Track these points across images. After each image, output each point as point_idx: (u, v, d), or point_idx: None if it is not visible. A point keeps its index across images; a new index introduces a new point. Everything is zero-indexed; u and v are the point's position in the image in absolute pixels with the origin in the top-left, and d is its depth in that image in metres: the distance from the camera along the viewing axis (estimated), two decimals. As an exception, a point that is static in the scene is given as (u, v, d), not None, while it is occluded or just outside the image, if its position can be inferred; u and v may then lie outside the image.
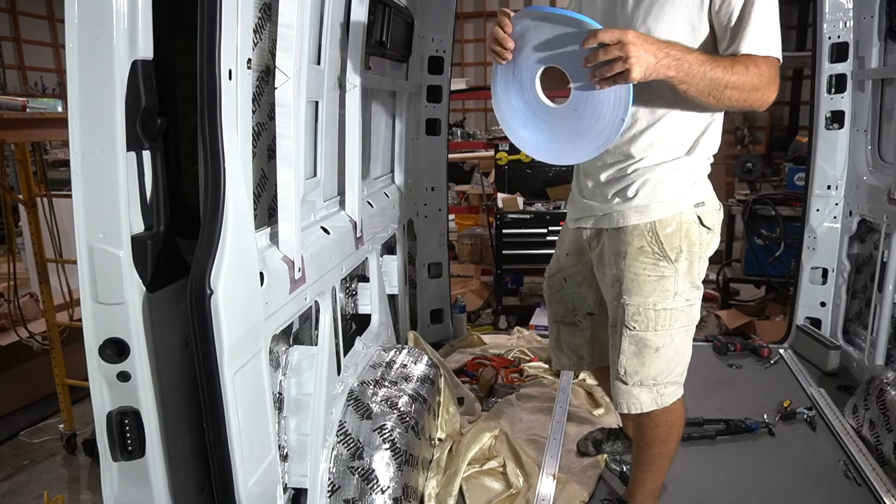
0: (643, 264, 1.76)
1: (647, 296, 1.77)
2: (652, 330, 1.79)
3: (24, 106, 2.93)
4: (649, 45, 1.45)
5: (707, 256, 1.83)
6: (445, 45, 3.31)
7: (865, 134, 3.15)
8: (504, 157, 5.16)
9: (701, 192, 1.79)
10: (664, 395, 1.86)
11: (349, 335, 2.39)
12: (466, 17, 14.26)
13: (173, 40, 1.46)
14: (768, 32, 1.59)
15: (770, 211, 4.80)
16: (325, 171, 2.12)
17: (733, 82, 1.54)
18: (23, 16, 12.27)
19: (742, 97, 1.57)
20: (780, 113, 14.07)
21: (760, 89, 1.57)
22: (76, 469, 3.22)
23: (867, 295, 3.18)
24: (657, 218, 1.75)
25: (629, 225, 1.78)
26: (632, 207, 1.77)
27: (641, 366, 1.82)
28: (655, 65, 1.45)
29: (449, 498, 2.21)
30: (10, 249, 3.78)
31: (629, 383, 1.85)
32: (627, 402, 1.87)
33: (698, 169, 1.79)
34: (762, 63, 1.57)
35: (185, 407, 1.51)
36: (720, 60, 1.55)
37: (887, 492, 2.19)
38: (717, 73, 1.53)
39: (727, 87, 1.54)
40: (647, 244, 1.76)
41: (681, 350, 1.85)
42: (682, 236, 1.76)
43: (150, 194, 1.42)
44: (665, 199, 1.75)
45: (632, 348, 1.81)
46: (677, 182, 1.75)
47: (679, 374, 1.88)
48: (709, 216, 1.79)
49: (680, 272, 1.77)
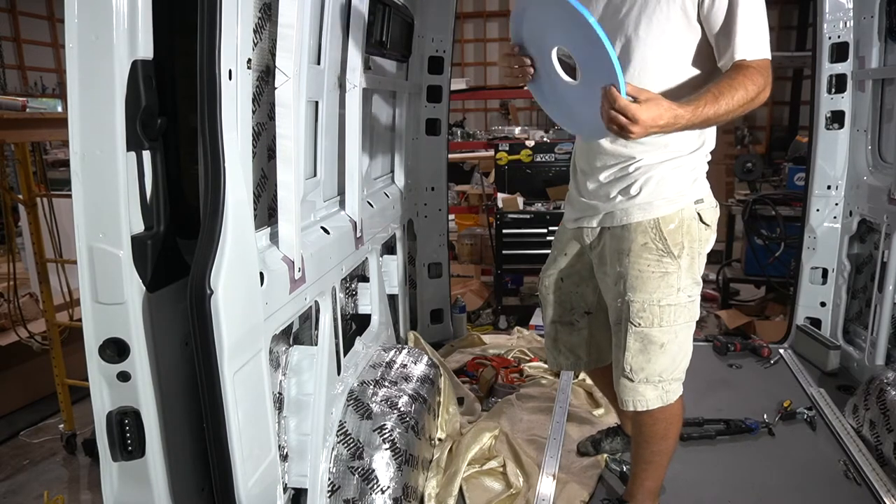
0: (647, 261, 1.78)
1: (652, 292, 1.79)
2: (657, 326, 1.81)
3: (24, 106, 2.93)
4: (659, 124, 1.47)
5: (706, 252, 1.86)
6: (445, 45, 3.31)
7: (865, 134, 3.15)
8: (504, 157, 5.16)
9: (700, 190, 1.82)
10: (669, 392, 1.88)
11: (349, 335, 2.39)
12: (466, 17, 14.28)
13: (173, 40, 1.46)
14: (757, 33, 1.62)
15: (770, 211, 4.81)
16: (325, 171, 2.12)
17: (734, 107, 1.58)
18: (23, 16, 12.28)
19: (744, 110, 1.62)
20: (780, 113, 14.09)
21: (758, 96, 1.61)
22: (76, 469, 3.22)
23: (867, 295, 3.18)
24: (660, 214, 1.77)
25: (633, 222, 1.80)
26: (635, 205, 1.79)
27: (647, 362, 1.83)
28: (658, 131, 1.51)
29: (449, 498, 2.21)
30: (10, 249, 3.79)
31: (635, 380, 1.85)
32: (633, 399, 1.88)
33: (698, 166, 1.82)
34: (755, 71, 1.60)
35: (185, 407, 1.51)
36: (721, 95, 1.56)
37: (887, 492, 2.18)
38: (722, 109, 1.56)
39: (730, 113, 1.59)
40: (650, 241, 1.78)
41: (684, 346, 1.87)
42: (684, 232, 1.78)
43: (150, 194, 1.42)
44: (668, 196, 1.77)
45: (637, 345, 1.83)
46: (679, 179, 1.78)
47: (682, 371, 1.90)
48: (708, 213, 1.82)
49: (682, 268, 1.79)
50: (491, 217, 4.91)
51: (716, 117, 1.57)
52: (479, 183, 6.12)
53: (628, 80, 1.48)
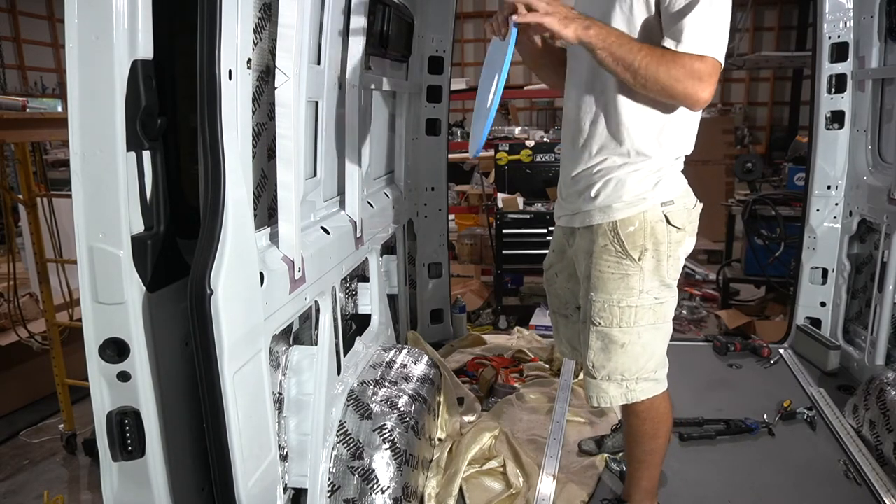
0: (607, 262, 1.81)
1: (612, 293, 1.81)
2: (616, 326, 1.82)
3: (24, 106, 2.93)
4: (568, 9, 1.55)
5: (679, 255, 1.85)
6: (445, 45, 3.31)
7: (865, 134, 3.15)
8: (504, 157, 5.17)
9: (668, 191, 1.80)
10: (634, 391, 1.88)
11: (349, 335, 2.39)
12: (466, 17, 14.28)
13: (173, 40, 1.46)
14: (705, 32, 1.59)
15: (770, 211, 4.80)
16: (325, 171, 2.12)
17: (653, 62, 1.57)
18: (23, 16, 12.29)
19: (665, 81, 1.59)
20: (780, 113, 14.11)
21: (686, 80, 1.58)
22: (76, 469, 3.22)
23: (867, 295, 3.18)
24: (618, 218, 1.79)
25: (594, 224, 1.83)
26: (595, 207, 1.82)
27: (608, 361, 1.85)
28: (570, 17, 1.57)
29: (449, 498, 2.21)
30: (10, 249, 3.79)
31: (597, 377, 1.88)
32: (597, 395, 1.90)
33: (664, 168, 1.80)
34: (690, 59, 1.58)
35: (185, 407, 1.51)
36: (642, 49, 1.59)
37: (887, 492, 2.19)
38: (635, 49, 1.58)
39: (649, 67, 1.57)
40: (609, 243, 1.80)
41: (650, 347, 1.87)
42: (647, 235, 1.78)
43: (150, 194, 1.42)
44: (626, 200, 1.78)
45: (598, 343, 1.85)
46: (638, 182, 1.78)
47: (651, 371, 1.89)
48: (678, 215, 1.81)
49: (646, 270, 1.79)
50: (491, 217, 4.91)
51: (626, 62, 1.57)
52: (479, 183, 6.12)
53: (593, 75, 1.74)
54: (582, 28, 1.57)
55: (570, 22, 1.57)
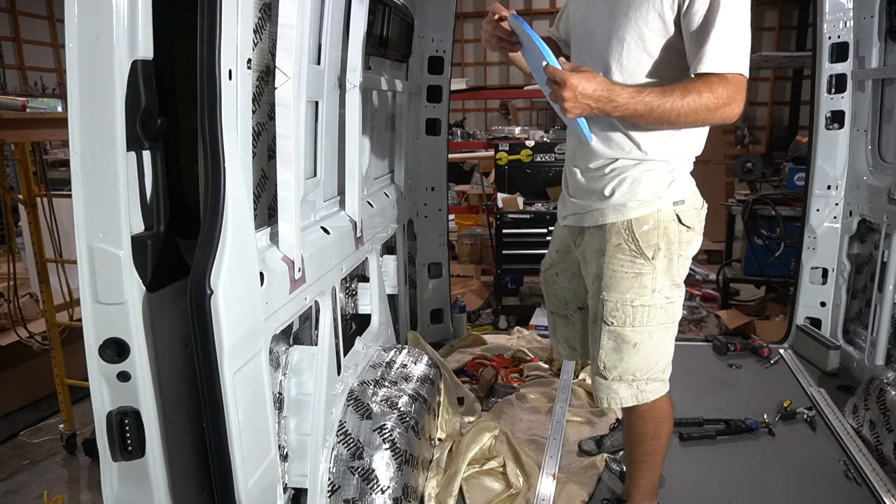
0: (620, 261, 1.80)
1: (625, 292, 1.80)
2: (629, 326, 1.82)
3: (24, 106, 2.93)
4: (589, 92, 1.53)
5: (688, 254, 1.85)
6: (445, 45, 3.31)
7: (865, 134, 3.15)
8: (504, 157, 5.16)
9: (680, 191, 1.82)
10: (645, 391, 1.88)
11: (349, 335, 2.39)
12: (466, 17, 14.26)
13: (173, 40, 1.46)
14: (730, 47, 1.60)
15: (770, 211, 4.80)
16: (325, 171, 2.12)
17: (683, 109, 1.58)
18: (23, 16, 12.28)
19: (700, 119, 1.62)
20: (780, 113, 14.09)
21: (719, 109, 1.60)
22: (76, 469, 3.22)
23: (867, 295, 3.18)
24: (633, 216, 1.79)
25: (607, 223, 1.82)
26: (610, 206, 1.82)
27: (620, 361, 1.85)
28: (592, 110, 1.56)
29: (449, 498, 2.21)
30: (10, 249, 3.78)
31: (608, 378, 1.88)
32: (608, 396, 1.90)
33: (676, 168, 1.81)
34: (718, 84, 1.58)
35: (185, 407, 1.51)
36: (671, 92, 1.58)
37: (887, 492, 2.19)
38: (667, 105, 1.58)
39: (681, 115, 1.59)
40: (623, 242, 1.80)
41: (660, 347, 1.87)
42: (660, 234, 1.79)
43: (150, 194, 1.42)
44: (641, 198, 1.79)
45: (610, 343, 1.85)
46: (653, 181, 1.79)
47: (660, 371, 1.90)
48: (688, 214, 1.82)
49: (658, 269, 1.80)
50: (491, 217, 4.91)
51: (660, 112, 1.57)
52: (479, 183, 6.12)
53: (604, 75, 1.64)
54: (602, 112, 1.59)
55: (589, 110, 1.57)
